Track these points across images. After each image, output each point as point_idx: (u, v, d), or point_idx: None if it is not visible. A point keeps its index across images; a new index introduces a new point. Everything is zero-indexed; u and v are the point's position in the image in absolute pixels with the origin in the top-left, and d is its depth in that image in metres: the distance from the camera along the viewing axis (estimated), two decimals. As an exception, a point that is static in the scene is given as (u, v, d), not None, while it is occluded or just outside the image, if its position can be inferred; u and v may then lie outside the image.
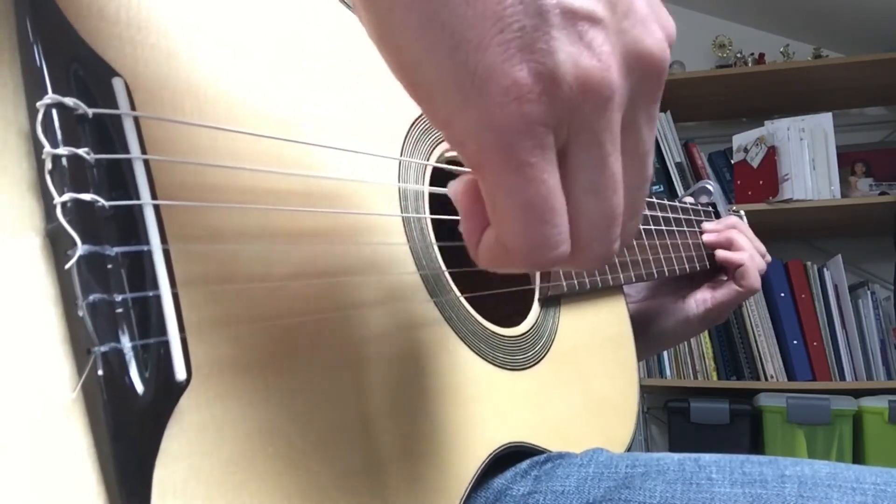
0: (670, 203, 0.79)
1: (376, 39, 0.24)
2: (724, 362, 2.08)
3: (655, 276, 0.71)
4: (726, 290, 0.80)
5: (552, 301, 0.58)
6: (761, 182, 2.07)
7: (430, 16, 0.21)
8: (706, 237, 0.82)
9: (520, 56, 0.21)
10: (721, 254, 0.80)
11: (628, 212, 0.26)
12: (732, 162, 2.19)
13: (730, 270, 0.80)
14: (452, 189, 0.27)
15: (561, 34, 0.21)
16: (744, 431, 1.95)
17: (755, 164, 2.10)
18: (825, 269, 2.04)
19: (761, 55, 2.20)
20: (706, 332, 2.08)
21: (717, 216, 0.88)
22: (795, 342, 1.98)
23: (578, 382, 0.57)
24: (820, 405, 1.84)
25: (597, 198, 0.24)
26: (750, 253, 0.79)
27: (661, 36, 0.24)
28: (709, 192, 0.90)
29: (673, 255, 0.75)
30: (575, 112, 0.22)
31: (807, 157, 2.01)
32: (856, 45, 2.21)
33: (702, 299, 0.81)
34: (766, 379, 2.00)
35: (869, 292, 2.02)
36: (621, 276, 0.65)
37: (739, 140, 2.17)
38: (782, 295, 2.01)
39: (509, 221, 0.24)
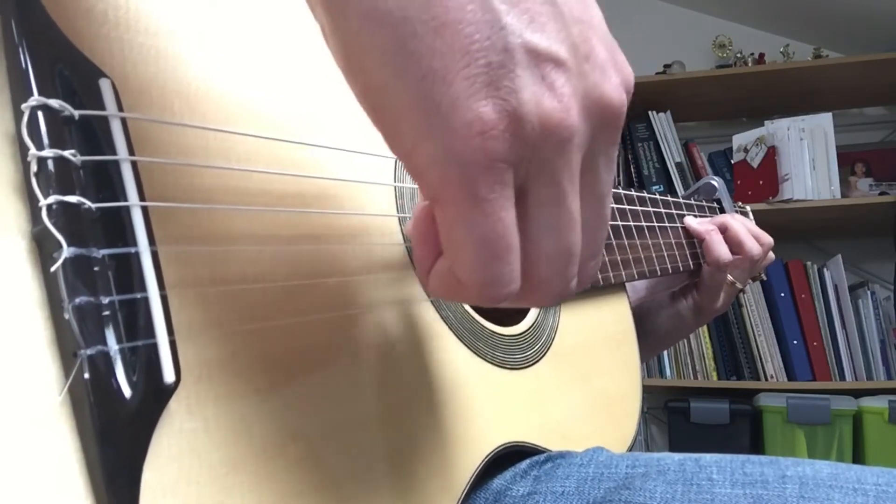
0: (674, 199, 0.79)
1: (343, 65, 0.24)
2: (724, 362, 2.08)
3: (658, 272, 0.70)
4: (702, 272, 0.79)
5: (552, 300, 0.58)
6: (761, 182, 2.07)
7: (399, 43, 0.21)
8: (689, 221, 0.81)
9: (485, 91, 0.21)
10: (689, 220, 0.79)
11: (587, 251, 0.26)
12: (732, 162, 2.19)
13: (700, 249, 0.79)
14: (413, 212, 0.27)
15: (525, 73, 0.22)
16: (744, 431, 1.95)
17: (755, 164, 2.10)
18: (825, 269, 2.04)
19: (761, 55, 2.20)
20: (706, 332, 2.08)
21: (723, 212, 0.87)
22: (795, 342, 1.98)
23: (579, 381, 0.57)
24: (820, 405, 1.84)
25: (555, 235, 0.25)
26: (748, 243, 0.77)
27: (617, 82, 0.25)
28: (714, 189, 0.89)
29: (677, 252, 0.75)
30: (536, 151, 0.23)
31: (807, 157, 2.01)
32: (856, 45, 2.21)
33: (690, 289, 0.82)
34: (766, 379, 2.00)
35: (869, 292, 2.02)
36: (623, 274, 0.65)
37: (739, 140, 2.16)
38: (782, 295, 2.01)
39: (463, 255, 0.24)
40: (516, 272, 0.24)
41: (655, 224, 0.72)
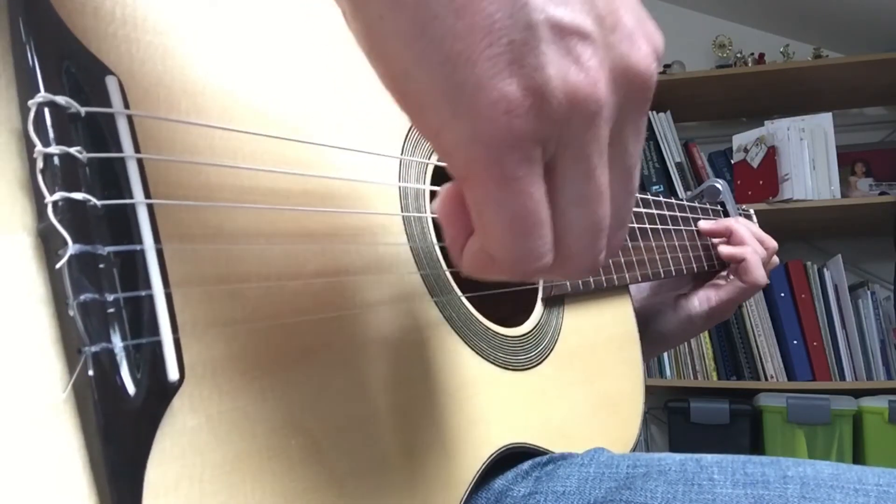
0: (678, 202, 0.78)
1: (366, 49, 0.24)
2: (724, 362, 2.08)
3: (662, 275, 0.70)
4: (730, 287, 0.78)
5: (556, 301, 0.58)
6: (761, 182, 2.07)
7: (421, 27, 0.21)
8: (702, 224, 0.80)
9: (509, 70, 0.21)
10: (722, 248, 0.78)
11: (615, 223, 0.26)
12: (732, 162, 2.19)
13: (732, 266, 0.78)
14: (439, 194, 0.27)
15: (550, 49, 0.22)
16: (744, 431, 1.95)
17: (755, 164, 2.10)
18: (825, 269, 2.04)
19: (761, 55, 2.20)
20: (706, 332, 2.08)
21: (727, 215, 0.87)
22: (795, 342, 1.98)
23: (582, 383, 0.57)
24: (820, 405, 1.84)
25: (584, 209, 0.24)
26: (753, 247, 0.77)
27: (648, 51, 0.24)
28: (717, 192, 0.88)
29: (681, 255, 0.74)
30: (563, 126, 0.22)
31: (807, 157, 2.01)
32: (856, 45, 2.21)
33: (705, 297, 0.79)
34: (766, 379, 2.00)
35: (869, 292, 2.02)
36: (626, 276, 0.64)
37: (739, 140, 2.16)
38: (782, 295, 2.01)
39: (495, 233, 0.24)
40: (548, 246, 0.24)
41: (660, 227, 0.72)
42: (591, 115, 0.23)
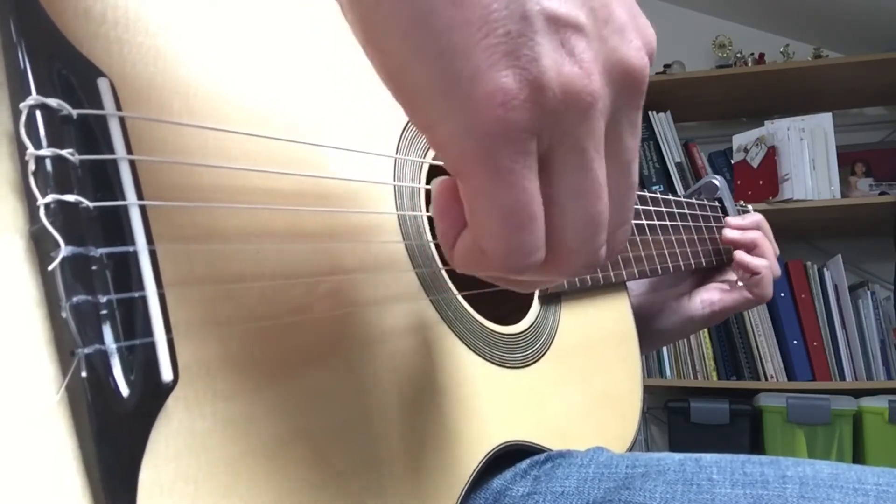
0: (675, 199, 0.78)
1: (362, 40, 0.24)
2: (724, 362, 2.07)
3: (660, 272, 0.70)
4: (737, 296, 0.77)
5: (552, 298, 0.58)
6: (761, 182, 2.07)
7: (417, 18, 0.21)
8: (729, 234, 0.79)
9: (504, 62, 0.21)
10: (741, 256, 0.77)
11: (615, 220, 0.26)
12: (732, 162, 2.19)
13: (744, 275, 0.78)
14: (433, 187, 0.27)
15: (544, 40, 0.22)
16: (744, 431, 1.95)
17: (755, 164, 2.10)
18: (825, 269, 2.04)
19: (761, 55, 2.20)
20: (706, 332, 2.09)
21: (724, 212, 0.87)
22: (795, 342, 1.98)
23: (580, 380, 0.57)
24: (820, 405, 1.84)
25: (581, 204, 0.24)
26: (771, 263, 0.77)
27: (639, 45, 0.24)
28: (715, 188, 0.88)
29: (678, 251, 0.74)
30: (558, 119, 0.22)
31: (807, 157, 2.01)
32: (856, 45, 2.21)
33: (708, 300, 0.78)
34: (766, 379, 2.00)
35: (869, 292, 2.02)
36: (624, 273, 0.64)
37: (739, 140, 2.16)
38: (782, 295, 2.01)
39: (487, 225, 0.24)
40: (541, 241, 0.24)
41: (657, 223, 0.72)
42: (585, 108, 0.22)
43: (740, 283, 0.78)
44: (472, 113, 0.22)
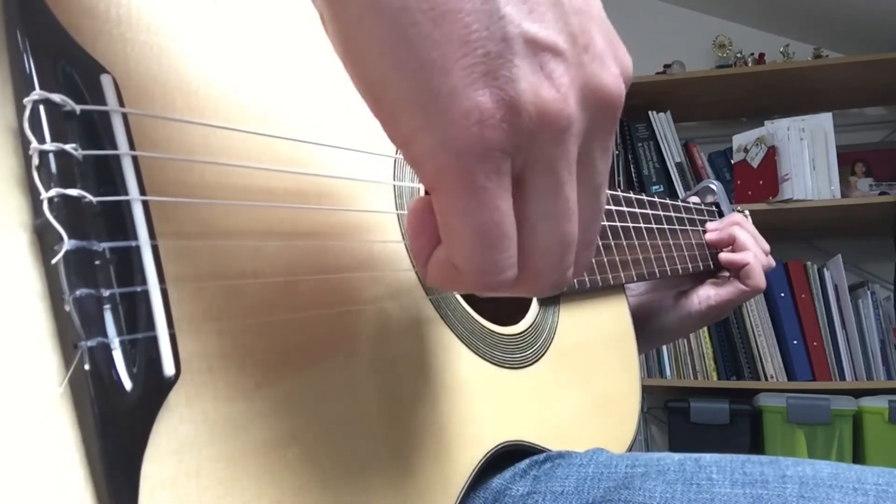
0: (672, 202, 0.79)
1: (341, 53, 0.24)
2: (724, 362, 2.08)
3: (658, 275, 0.70)
4: (731, 289, 0.79)
5: (551, 300, 0.58)
6: (761, 182, 2.07)
7: (398, 33, 0.22)
8: (709, 236, 0.82)
9: (483, 81, 0.22)
10: (724, 256, 0.80)
11: (582, 241, 0.27)
12: (732, 162, 2.19)
13: (734, 270, 0.79)
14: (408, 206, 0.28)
15: (523, 63, 0.22)
16: (744, 431, 1.95)
17: (755, 164, 2.10)
18: (825, 269, 2.04)
19: (761, 55, 2.20)
20: (706, 332, 2.09)
21: (721, 216, 0.88)
22: (795, 342, 1.98)
23: (578, 381, 0.57)
24: (820, 405, 1.84)
25: (551, 225, 0.25)
26: (754, 251, 0.78)
27: (616, 72, 0.25)
28: (712, 192, 0.89)
29: (675, 255, 0.74)
30: (533, 140, 0.23)
31: (807, 157, 2.01)
32: (856, 45, 2.21)
33: (705, 296, 0.80)
34: (766, 379, 2.00)
35: (869, 292, 2.02)
36: (622, 276, 0.65)
37: (739, 140, 2.17)
38: (782, 295, 2.01)
39: (460, 243, 0.24)
40: (513, 260, 0.25)
41: (654, 226, 0.72)
42: (560, 131, 0.23)
43: (732, 277, 0.80)
44: (449, 129, 0.22)
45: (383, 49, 0.22)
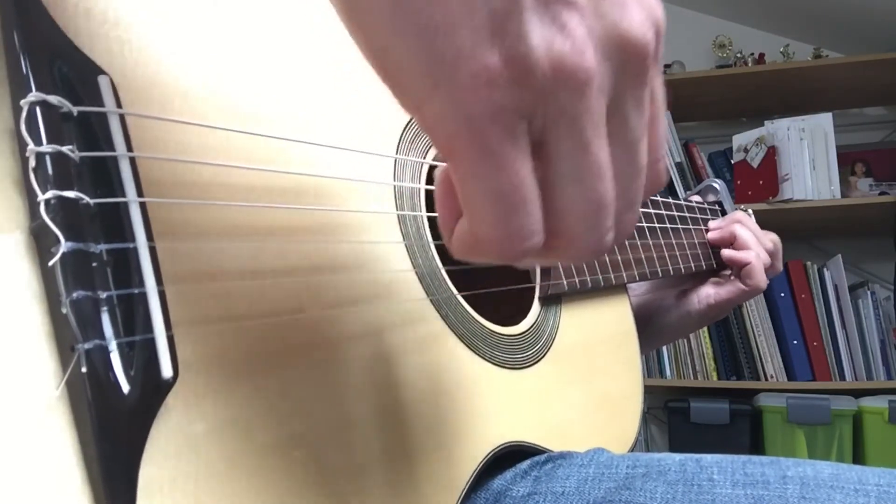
0: (675, 201, 0.78)
1: (346, 21, 0.23)
2: (724, 362, 2.07)
3: (660, 274, 0.70)
4: (731, 288, 0.78)
5: (553, 300, 0.58)
6: (761, 182, 2.07)
7: None
8: (710, 235, 0.81)
9: (490, 41, 0.20)
10: (726, 253, 0.79)
11: (622, 202, 0.25)
12: (732, 162, 2.19)
13: (735, 269, 0.79)
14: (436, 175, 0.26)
15: (533, 17, 0.21)
16: (744, 431, 1.95)
17: (755, 164, 2.10)
18: (825, 269, 2.04)
19: (761, 55, 2.20)
20: (706, 332, 2.08)
21: (724, 215, 0.87)
22: (795, 342, 1.98)
23: (580, 381, 0.57)
24: (820, 405, 1.84)
25: (581, 186, 0.23)
26: (756, 251, 0.78)
27: (641, 17, 0.23)
28: (715, 191, 0.89)
29: (678, 254, 0.74)
30: (550, 98, 0.21)
31: (807, 157, 2.01)
32: (856, 45, 2.21)
33: (705, 295, 0.79)
34: (766, 379, 2.00)
35: (869, 292, 2.02)
36: (624, 275, 0.64)
37: (739, 140, 2.16)
38: (782, 295, 2.01)
39: (479, 210, 0.23)
40: (537, 225, 0.23)
41: (657, 226, 0.72)
42: (579, 86, 0.21)
43: (733, 276, 0.79)
44: (457, 93, 0.21)
45: (384, 14, 0.21)
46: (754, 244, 0.78)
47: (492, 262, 0.25)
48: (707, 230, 0.82)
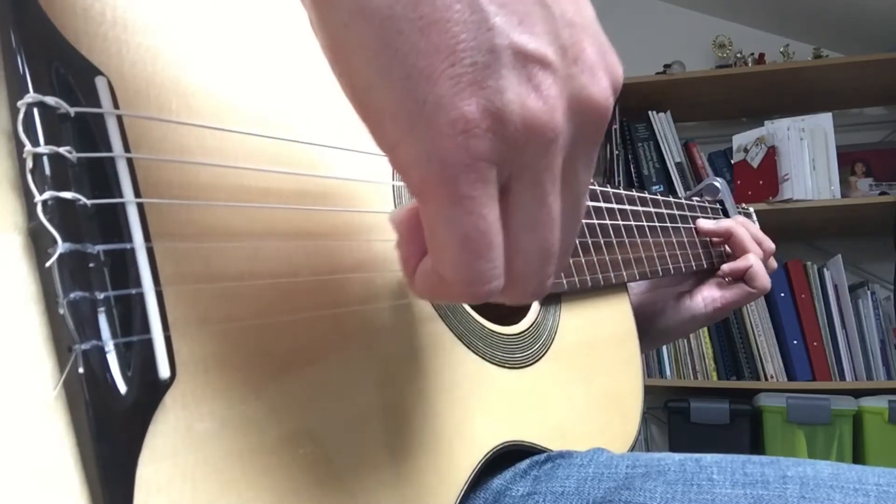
0: (675, 200, 0.78)
1: (329, 58, 0.24)
2: (724, 362, 2.07)
3: (660, 273, 0.70)
4: (737, 291, 0.78)
5: (552, 299, 0.58)
6: (761, 182, 2.07)
7: (385, 41, 0.22)
8: (701, 223, 0.80)
9: (469, 91, 0.21)
10: (726, 268, 0.79)
11: (561, 248, 0.27)
12: (732, 162, 2.19)
13: (739, 276, 0.79)
14: (392, 215, 0.27)
15: (511, 74, 0.22)
16: (744, 431, 1.95)
17: (755, 164, 2.10)
18: (825, 269, 2.04)
19: (761, 55, 2.20)
20: (706, 332, 2.09)
21: (726, 214, 0.87)
22: (795, 342, 1.98)
23: (580, 381, 0.57)
24: (820, 405, 1.84)
25: (534, 235, 0.25)
26: (754, 252, 0.78)
27: (606, 84, 0.25)
28: (716, 190, 0.88)
29: (678, 252, 0.74)
30: (519, 151, 0.23)
31: (807, 157, 2.01)
32: (856, 45, 2.21)
33: (710, 298, 0.78)
34: (766, 379, 2.00)
35: (869, 292, 2.02)
36: (624, 274, 0.64)
37: (739, 140, 2.16)
38: (782, 295, 2.01)
39: (446, 252, 0.24)
40: (499, 269, 0.25)
41: (657, 224, 0.72)
42: (546, 143, 0.23)
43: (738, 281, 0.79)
44: (435, 138, 0.22)
45: (369, 56, 0.22)
46: (752, 245, 0.78)
47: (452, 301, 0.26)
48: (698, 230, 0.81)
